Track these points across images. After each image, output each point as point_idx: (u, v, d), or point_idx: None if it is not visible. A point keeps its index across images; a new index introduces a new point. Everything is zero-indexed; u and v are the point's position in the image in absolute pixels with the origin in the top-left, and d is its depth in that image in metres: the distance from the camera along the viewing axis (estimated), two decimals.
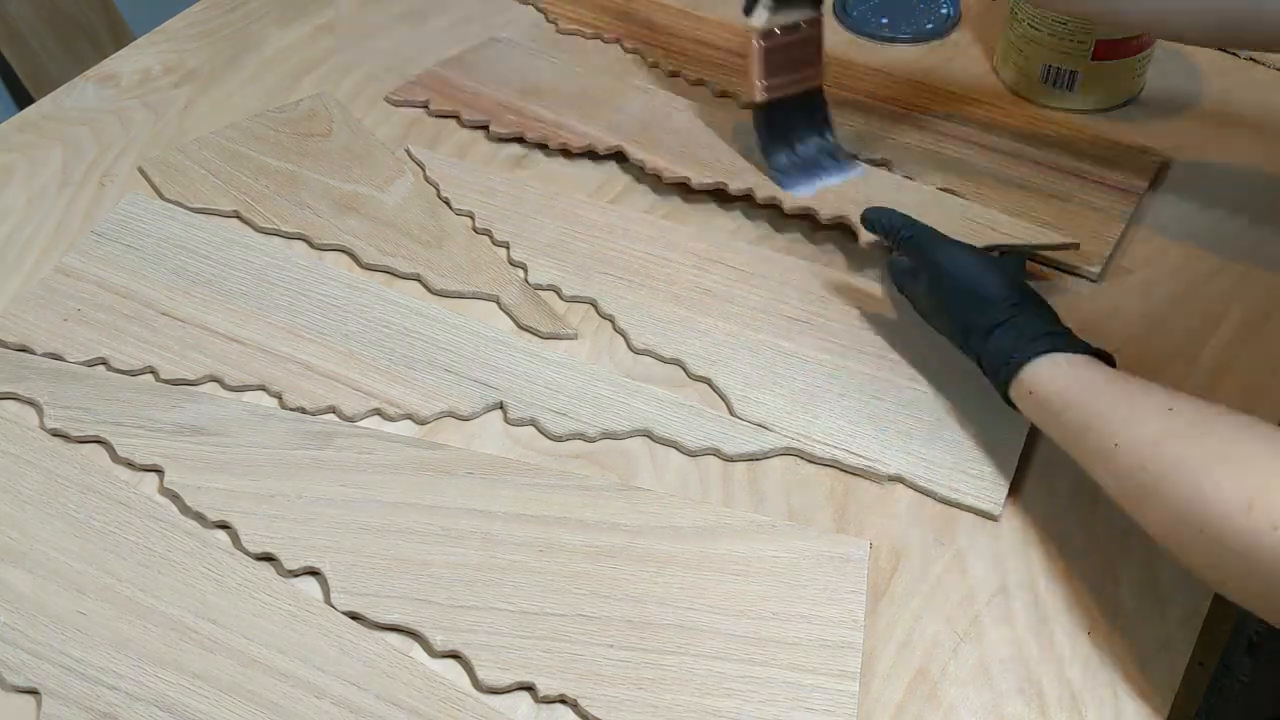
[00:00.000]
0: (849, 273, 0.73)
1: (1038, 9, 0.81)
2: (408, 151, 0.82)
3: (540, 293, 0.72)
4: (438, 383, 0.66)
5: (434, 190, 0.78)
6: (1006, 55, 0.87)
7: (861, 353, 0.67)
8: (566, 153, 0.81)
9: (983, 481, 0.61)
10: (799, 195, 0.76)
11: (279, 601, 0.56)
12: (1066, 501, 0.61)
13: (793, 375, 0.66)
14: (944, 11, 0.95)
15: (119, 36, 1.26)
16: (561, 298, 0.71)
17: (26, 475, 0.60)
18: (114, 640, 0.54)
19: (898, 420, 0.64)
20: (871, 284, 0.71)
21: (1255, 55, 0.89)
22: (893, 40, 0.92)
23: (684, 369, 0.67)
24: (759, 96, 0.76)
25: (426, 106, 0.86)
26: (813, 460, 0.62)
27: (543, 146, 0.82)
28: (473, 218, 0.76)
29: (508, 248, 0.74)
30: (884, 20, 0.94)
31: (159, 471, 0.61)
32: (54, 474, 0.60)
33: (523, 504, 0.59)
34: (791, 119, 0.77)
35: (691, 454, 0.63)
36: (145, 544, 0.57)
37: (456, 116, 0.85)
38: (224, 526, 0.59)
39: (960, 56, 0.91)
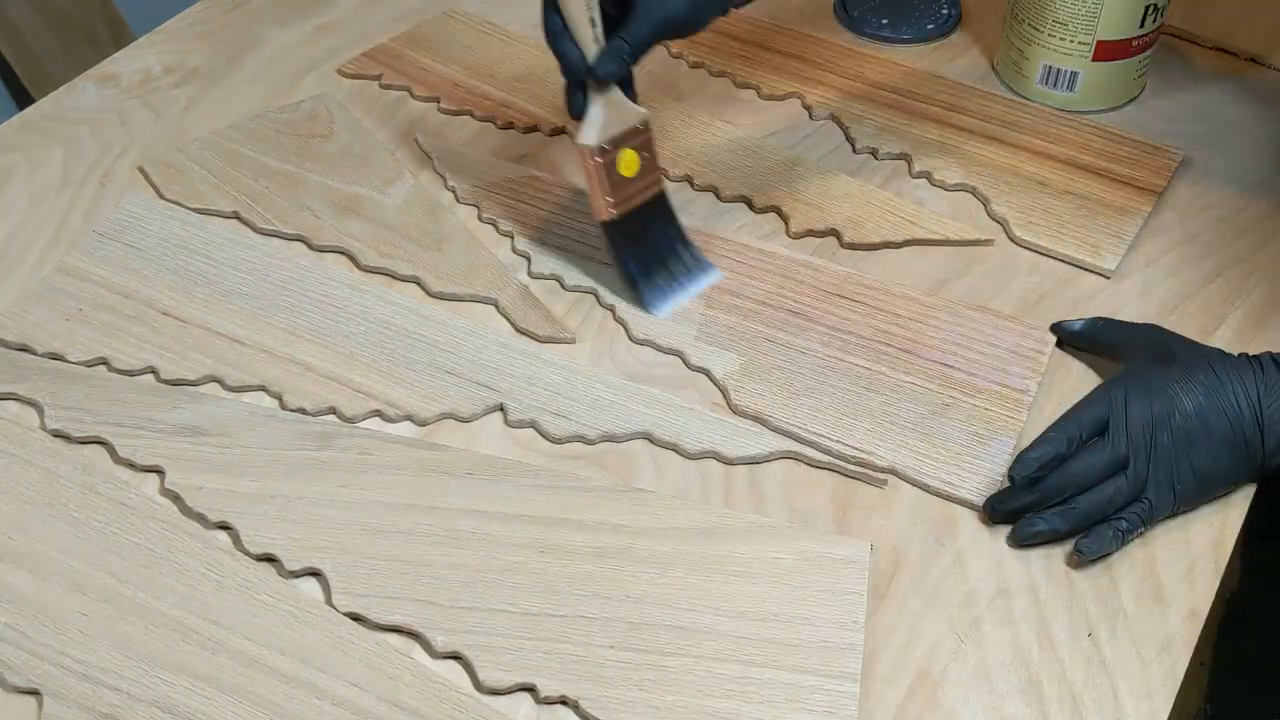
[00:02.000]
0: (851, 269, 0.72)
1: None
2: (416, 141, 0.82)
3: (542, 282, 0.72)
4: (438, 384, 0.66)
5: (440, 182, 0.79)
6: (1006, 55, 0.87)
7: (860, 346, 0.67)
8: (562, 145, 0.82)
9: (977, 476, 0.61)
10: (662, 316, 0.70)
11: (280, 602, 0.56)
12: None
13: (791, 367, 0.66)
14: (945, 12, 0.95)
15: (119, 36, 1.26)
16: (564, 287, 0.72)
17: (27, 476, 0.60)
18: (115, 641, 0.54)
19: (893, 413, 0.64)
20: (872, 280, 0.71)
21: (1256, 55, 0.89)
22: (894, 41, 0.92)
23: (683, 360, 0.67)
24: (606, 215, 0.68)
25: (379, 79, 0.88)
26: (811, 464, 0.62)
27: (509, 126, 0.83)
28: (478, 208, 0.77)
29: (511, 238, 0.75)
30: (884, 21, 0.94)
31: (160, 472, 0.61)
32: (55, 475, 0.60)
33: (523, 505, 0.59)
34: (646, 231, 0.70)
35: (691, 457, 0.63)
36: (146, 545, 0.57)
37: (408, 90, 0.87)
38: (225, 527, 0.59)
39: (961, 57, 0.91)
